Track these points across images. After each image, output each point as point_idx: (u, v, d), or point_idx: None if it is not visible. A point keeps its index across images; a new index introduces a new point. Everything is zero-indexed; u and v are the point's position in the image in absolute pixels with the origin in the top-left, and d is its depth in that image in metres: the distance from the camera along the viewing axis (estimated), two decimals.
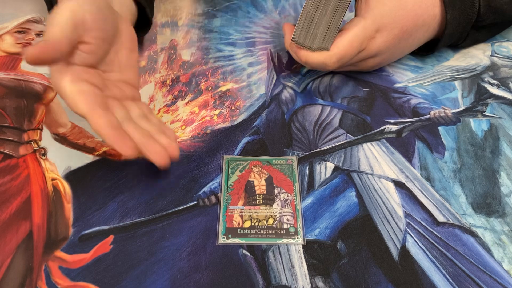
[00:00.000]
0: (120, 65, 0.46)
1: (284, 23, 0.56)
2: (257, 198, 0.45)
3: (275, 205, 0.45)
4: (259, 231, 0.43)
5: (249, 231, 0.43)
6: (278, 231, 0.43)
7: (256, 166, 0.48)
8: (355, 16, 0.53)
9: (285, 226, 0.43)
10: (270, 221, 0.43)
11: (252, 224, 0.43)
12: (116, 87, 0.45)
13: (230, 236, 0.42)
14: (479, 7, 0.54)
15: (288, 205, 0.44)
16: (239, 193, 0.45)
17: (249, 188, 0.46)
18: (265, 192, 0.46)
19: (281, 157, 0.49)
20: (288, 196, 0.45)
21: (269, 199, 0.45)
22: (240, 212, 0.44)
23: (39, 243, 0.42)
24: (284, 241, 0.42)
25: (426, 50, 0.59)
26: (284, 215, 0.44)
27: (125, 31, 0.47)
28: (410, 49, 0.57)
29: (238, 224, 0.43)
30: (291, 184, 0.46)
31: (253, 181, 0.46)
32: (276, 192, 0.46)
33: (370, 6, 0.52)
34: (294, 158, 0.49)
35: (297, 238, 0.42)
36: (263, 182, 0.46)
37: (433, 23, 0.54)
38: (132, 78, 0.47)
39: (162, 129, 0.45)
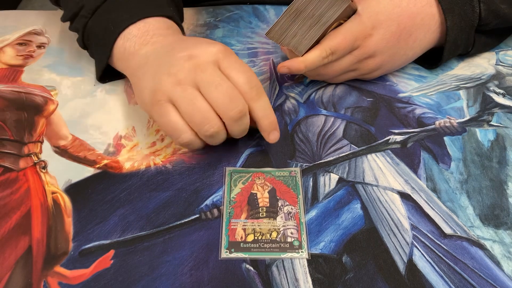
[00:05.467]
0: None
1: None
2: (260, 211, 0.44)
3: (278, 218, 0.44)
4: (262, 245, 0.42)
5: (252, 245, 0.42)
6: (282, 245, 0.42)
7: (259, 178, 0.47)
8: None
9: (289, 239, 0.42)
10: (274, 234, 0.42)
11: (256, 237, 0.42)
12: None
13: (233, 250, 0.41)
14: (479, 11, 0.53)
15: (292, 218, 0.44)
16: (242, 206, 0.45)
17: (252, 201, 0.45)
18: (268, 205, 0.45)
19: (284, 169, 0.48)
20: (292, 208, 0.44)
21: (272, 212, 0.44)
22: (243, 225, 0.43)
23: (39, 258, 0.41)
24: (288, 255, 0.41)
25: (434, 62, 0.59)
26: (288, 228, 0.43)
27: None
28: (413, 52, 0.56)
29: (241, 238, 0.42)
30: (295, 196, 0.45)
31: (256, 194, 0.46)
32: (279, 204, 0.45)
33: (365, 3, 0.52)
34: (298, 169, 0.48)
35: (301, 252, 0.41)
36: (266, 195, 0.46)
37: (433, 24, 0.54)
38: None
39: None
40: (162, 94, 0.44)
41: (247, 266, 0.41)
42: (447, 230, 0.43)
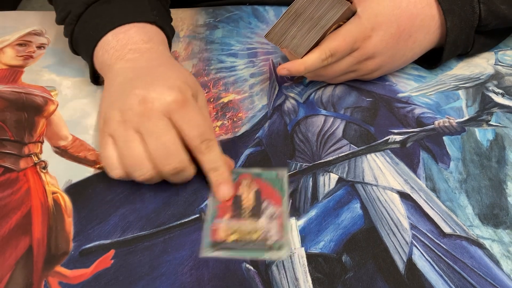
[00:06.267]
0: None
1: None
2: (244, 211, 0.44)
3: (261, 219, 0.44)
4: (243, 245, 0.42)
5: (233, 245, 0.42)
6: (262, 246, 0.41)
7: (245, 179, 0.47)
8: None
9: (269, 241, 0.42)
10: (255, 235, 0.42)
11: (237, 238, 0.42)
12: None
13: (214, 249, 0.41)
14: (479, 12, 0.53)
15: (275, 220, 0.43)
16: (225, 206, 0.45)
17: (236, 201, 0.45)
18: (252, 206, 0.45)
19: (272, 171, 0.48)
20: (275, 210, 0.44)
21: (255, 213, 0.44)
22: (226, 225, 0.43)
23: (39, 258, 0.41)
24: (268, 255, 0.41)
25: (434, 62, 0.59)
26: (270, 230, 0.43)
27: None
28: (412, 53, 0.56)
29: (223, 237, 0.42)
30: (280, 198, 0.45)
31: (241, 194, 0.46)
32: (263, 206, 0.45)
33: (364, 5, 0.52)
34: (285, 172, 0.48)
35: (282, 253, 0.41)
36: (251, 196, 0.45)
37: (433, 25, 0.54)
38: None
39: None
40: (108, 127, 0.44)
41: (247, 265, 0.41)
42: (447, 230, 0.43)
